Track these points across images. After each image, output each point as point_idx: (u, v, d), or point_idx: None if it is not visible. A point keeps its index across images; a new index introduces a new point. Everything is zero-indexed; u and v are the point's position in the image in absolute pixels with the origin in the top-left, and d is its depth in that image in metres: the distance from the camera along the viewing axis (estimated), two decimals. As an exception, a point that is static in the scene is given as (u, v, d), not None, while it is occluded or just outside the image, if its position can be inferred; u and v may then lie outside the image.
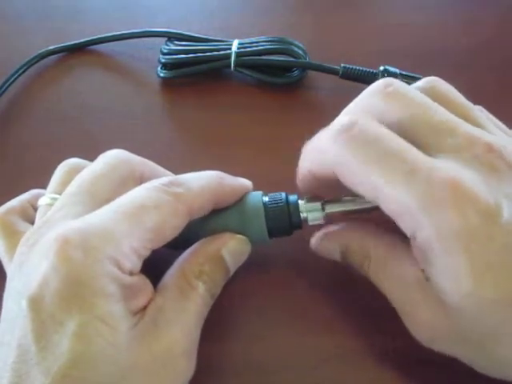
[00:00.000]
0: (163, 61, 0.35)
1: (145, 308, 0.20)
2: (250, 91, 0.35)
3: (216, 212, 0.23)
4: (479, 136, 0.20)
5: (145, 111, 0.35)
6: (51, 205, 0.22)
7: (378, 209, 0.21)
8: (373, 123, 0.20)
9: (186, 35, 0.36)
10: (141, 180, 0.23)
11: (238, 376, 0.24)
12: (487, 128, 0.21)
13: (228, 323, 0.25)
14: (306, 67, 0.35)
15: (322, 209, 0.23)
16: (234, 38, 0.35)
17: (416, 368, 0.23)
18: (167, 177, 0.22)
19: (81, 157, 0.26)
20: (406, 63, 0.34)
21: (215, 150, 0.32)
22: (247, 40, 0.35)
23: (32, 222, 0.24)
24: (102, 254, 0.19)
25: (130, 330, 0.19)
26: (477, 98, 0.34)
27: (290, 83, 0.35)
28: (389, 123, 0.20)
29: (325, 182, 0.22)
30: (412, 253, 0.20)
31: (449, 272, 0.18)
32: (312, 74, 0.36)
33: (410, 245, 0.20)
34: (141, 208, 0.20)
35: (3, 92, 0.35)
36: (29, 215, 0.25)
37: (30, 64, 0.36)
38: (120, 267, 0.19)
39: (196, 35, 0.36)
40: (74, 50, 0.38)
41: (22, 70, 0.36)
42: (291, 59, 0.35)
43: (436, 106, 0.21)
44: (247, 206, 0.24)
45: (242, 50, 0.35)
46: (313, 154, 0.22)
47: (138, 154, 0.25)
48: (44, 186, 0.25)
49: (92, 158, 0.25)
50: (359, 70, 0.34)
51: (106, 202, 0.21)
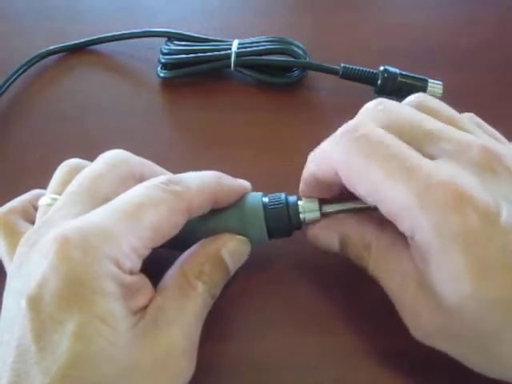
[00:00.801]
0: (163, 61, 0.35)
1: (145, 307, 0.20)
2: (250, 91, 0.35)
3: (215, 212, 0.23)
4: (473, 140, 0.20)
5: (145, 111, 0.35)
6: (51, 205, 0.22)
7: (375, 209, 0.22)
8: (374, 127, 0.21)
9: (186, 35, 0.36)
10: (141, 180, 0.23)
11: (238, 376, 0.24)
12: (477, 135, 0.21)
13: (228, 323, 0.25)
14: (306, 67, 0.35)
15: (320, 209, 0.24)
16: (234, 38, 0.35)
17: (416, 368, 0.23)
18: (166, 175, 0.22)
19: (81, 157, 0.26)
20: (405, 63, 0.34)
21: (215, 149, 0.32)
22: (247, 40, 0.35)
23: (33, 222, 0.24)
24: (101, 253, 0.19)
25: (130, 330, 0.19)
26: (476, 98, 0.34)
27: (290, 83, 0.35)
28: (388, 130, 0.21)
29: (327, 187, 0.23)
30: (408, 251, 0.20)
31: (448, 272, 0.18)
32: (312, 74, 0.36)
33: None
34: (140, 206, 0.20)
35: (3, 92, 0.35)
36: (30, 215, 0.25)
37: (30, 64, 0.36)
38: (120, 266, 0.19)
39: (196, 35, 0.36)
40: (74, 50, 0.38)
41: (22, 69, 0.36)
42: (291, 59, 0.35)
43: (427, 116, 0.21)
44: (247, 206, 0.24)
45: (242, 49, 0.35)
46: (317, 156, 0.23)
47: (138, 154, 0.25)
48: (44, 185, 0.25)
49: (92, 158, 0.25)
50: (359, 70, 0.34)
51: (106, 201, 0.21)
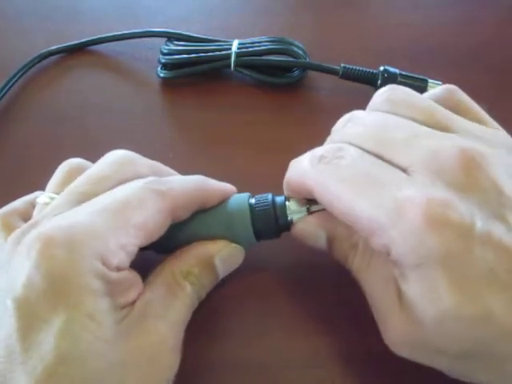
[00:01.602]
0: (163, 61, 0.35)
1: (134, 302, 0.20)
2: (250, 91, 0.35)
3: (202, 215, 0.23)
4: (449, 146, 0.19)
5: (145, 111, 0.35)
6: (48, 204, 0.22)
7: None
8: (350, 150, 0.20)
9: (186, 35, 0.36)
10: None
11: (237, 376, 0.24)
12: (457, 130, 0.21)
13: (228, 323, 0.25)
14: (306, 67, 0.35)
15: (308, 210, 0.23)
16: (234, 38, 0.35)
17: (416, 369, 0.23)
18: (153, 177, 0.22)
19: (81, 157, 0.26)
20: (405, 63, 0.34)
21: (215, 150, 0.32)
22: (247, 40, 0.35)
23: None
24: (86, 250, 0.19)
25: (117, 325, 0.19)
26: (476, 98, 0.34)
27: (290, 83, 0.35)
28: (363, 146, 0.21)
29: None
30: None
31: (426, 288, 0.18)
32: (312, 74, 0.36)
33: None
34: (125, 204, 0.20)
35: (5, 93, 0.35)
36: (30, 216, 0.25)
37: (31, 65, 0.36)
38: (105, 263, 0.19)
39: (196, 35, 0.36)
40: (74, 50, 0.38)
41: (23, 71, 0.36)
42: (291, 59, 0.35)
43: (398, 121, 0.21)
44: (233, 207, 0.23)
45: (242, 50, 0.35)
46: (295, 173, 0.23)
47: (138, 154, 0.25)
48: (44, 186, 0.25)
49: (92, 158, 0.24)
50: (359, 70, 0.34)
51: None
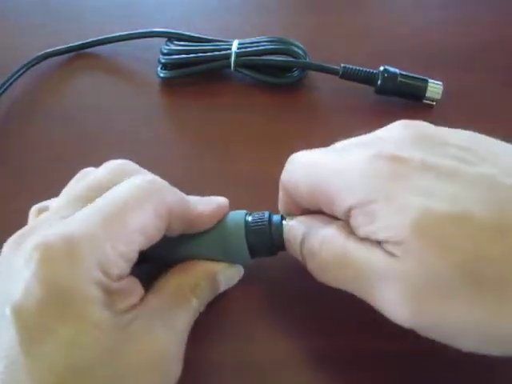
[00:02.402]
0: (163, 61, 0.35)
1: (135, 306, 0.20)
2: (250, 91, 0.35)
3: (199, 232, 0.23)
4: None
5: (145, 111, 0.35)
6: None
7: None
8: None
9: (186, 35, 0.36)
10: None
11: (237, 376, 0.24)
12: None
13: (228, 324, 0.25)
14: (306, 67, 0.35)
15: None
16: (234, 38, 0.35)
17: (416, 369, 0.24)
18: (150, 175, 0.22)
19: (81, 157, 0.26)
20: (405, 63, 0.34)
21: (215, 150, 0.32)
22: (247, 40, 0.35)
23: None
24: (87, 262, 0.18)
25: (121, 332, 0.19)
26: (476, 98, 0.34)
27: (290, 83, 0.35)
28: None
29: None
30: None
31: (386, 299, 0.19)
32: (312, 74, 0.36)
33: None
34: (124, 208, 0.20)
35: (2, 93, 0.35)
36: None
37: (29, 66, 0.36)
38: (106, 273, 0.19)
39: (196, 35, 0.36)
40: (74, 50, 0.38)
41: (21, 72, 0.36)
42: (291, 59, 0.35)
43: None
44: (229, 225, 0.23)
45: (242, 50, 0.35)
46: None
47: (138, 154, 0.25)
48: (44, 186, 0.25)
49: (92, 158, 0.24)
50: (359, 70, 0.34)
51: None
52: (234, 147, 0.32)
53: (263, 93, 0.35)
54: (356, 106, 0.34)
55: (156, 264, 0.23)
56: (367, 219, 0.19)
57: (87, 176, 0.23)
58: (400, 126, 0.22)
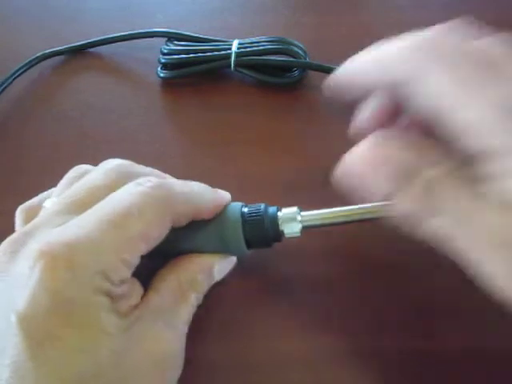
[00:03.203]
0: (163, 61, 0.35)
1: (136, 306, 0.20)
2: (250, 91, 0.35)
3: (196, 222, 0.23)
4: None
5: (145, 111, 0.35)
6: None
7: (356, 222, 0.22)
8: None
9: (186, 35, 0.36)
10: None
11: (237, 376, 0.24)
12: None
13: (228, 323, 0.25)
14: (306, 67, 0.35)
15: (300, 222, 0.23)
16: (234, 38, 0.35)
17: (416, 368, 0.24)
18: (154, 178, 0.22)
19: (81, 157, 0.26)
20: (406, 63, 0.34)
21: (215, 149, 0.32)
22: (247, 40, 0.35)
23: None
24: (91, 270, 0.19)
25: (126, 333, 0.19)
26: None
27: (290, 83, 0.35)
28: None
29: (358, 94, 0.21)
30: None
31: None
32: (312, 74, 0.36)
33: None
34: (127, 215, 0.20)
35: (2, 91, 0.35)
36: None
37: (29, 65, 0.36)
38: (109, 280, 0.19)
39: (196, 35, 0.36)
40: (74, 51, 0.38)
41: (21, 71, 0.36)
42: (291, 59, 0.35)
43: None
44: (226, 217, 0.24)
45: (242, 50, 0.35)
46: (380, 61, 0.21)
47: (138, 154, 0.25)
48: (44, 186, 0.25)
49: (92, 159, 0.24)
50: (359, 69, 0.34)
51: None
52: (234, 147, 0.32)
53: (263, 93, 0.35)
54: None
55: (150, 255, 0.23)
56: None
57: (83, 176, 0.23)
58: None
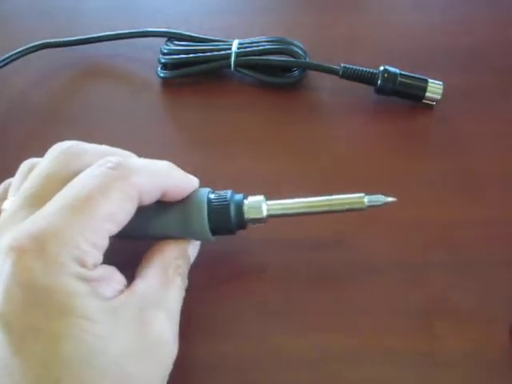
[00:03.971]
0: (163, 61, 0.35)
1: (121, 291, 0.20)
2: (250, 91, 0.35)
3: (162, 205, 0.23)
4: None
5: (145, 111, 0.35)
6: None
7: (322, 214, 0.23)
8: None
9: (186, 35, 0.36)
10: None
11: (237, 375, 0.24)
12: None
13: (228, 323, 0.25)
14: (306, 67, 0.35)
15: (265, 210, 0.24)
16: (234, 38, 0.35)
17: (416, 368, 0.24)
18: (115, 157, 0.21)
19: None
20: (405, 63, 0.34)
21: (215, 149, 0.32)
22: (247, 40, 0.35)
23: None
24: (62, 257, 0.18)
25: (112, 318, 0.19)
26: (477, 98, 0.34)
27: (290, 83, 0.35)
28: None
29: None
30: None
31: None
32: (312, 73, 0.36)
33: None
34: (89, 199, 0.20)
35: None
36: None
37: (27, 52, 0.36)
38: (83, 264, 0.19)
39: (196, 35, 0.36)
40: (73, 48, 0.38)
41: (18, 55, 0.36)
42: (291, 59, 0.35)
43: None
44: (192, 202, 0.24)
45: (242, 50, 0.35)
46: None
47: (138, 154, 0.25)
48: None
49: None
50: (359, 70, 0.34)
51: None
52: (234, 147, 0.32)
53: (263, 93, 0.35)
54: (356, 106, 0.34)
55: (118, 237, 0.22)
56: None
57: (34, 169, 0.22)
58: None
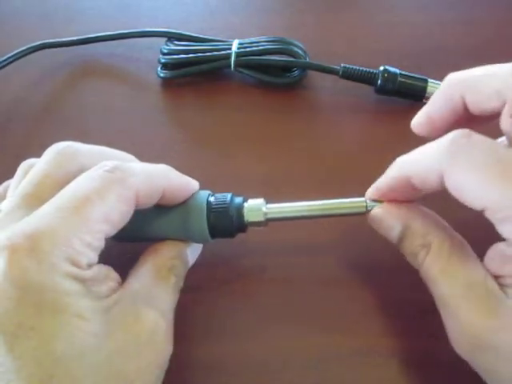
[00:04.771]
0: (163, 61, 0.35)
1: (115, 291, 0.20)
2: (250, 91, 0.35)
3: (162, 208, 0.23)
4: None
5: (145, 111, 0.35)
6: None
7: (318, 218, 0.23)
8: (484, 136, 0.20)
9: (186, 35, 0.36)
10: None
11: (237, 375, 0.24)
12: None
13: (228, 323, 0.25)
14: (306, 67, 0.35)
15: (264, 214, 0.24)
16: (234, 38, 0.35)
17: (416, 368, 0.24)
18: (111, 161, 0.21)
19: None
20: (405, 63, 0.34)
21: (215, 150, 0.32)
22: (247, 40, 0.35)
23: None
24: (55, 257, 0.18)
25: (105, 316, 0.19)
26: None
27: (290, 83, 0.35)
28: None
29: (413, 191, 0.22)
30: (477, 260, 0.20)
31: None
32: (312, 73, 0.36)
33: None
34: (85, 200, 0.20)
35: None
36: None
37: (25, 52, 0.36)
38: (76, 264, 0.19)
39: (196, 35, 0.36)
40: (73, 49, 0.38)
41: (16, 57, 0.36)
42: (291, 59, 0.35)
43: None
44: (191, 204, 0.24)
45: (242, 50, 0.35)
46: (417, 161, 0.21)
47: (138, 154, 0.25)
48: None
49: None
50: (359, 70, 0.34)
51: None
52: (234, 147, 0.32)
53: (263, 93, 0.35)
54: (356, 106, 0.34)
55: (117, 239, 0.23)
56: None
57: (31, 170, 0.23)
58: None
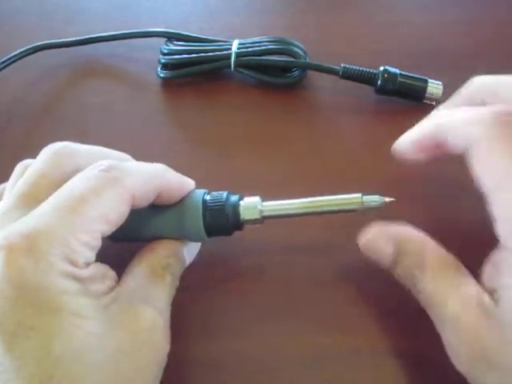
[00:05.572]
0: (163, 61, 0.35)
1: (112, 289, 0.20)
2: (250, 91, 0.35)
3: (158, 207, 0.23)
4: None
5: (145, 111, 0.35)
6: None
7: (319, 214, 0.22)
8: None
9: (186, 35, 0.36)
10: None
11: (235, 374, 0.24)
12: None
13: (225, 321, 0.25)
14: (306, 67, 0.35)
15: (260, 211, 0.24)
16: (234, 38, 0.35)
17: (416, 368, 0.24)
18: (107, 160, 0.21)
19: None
20: (405, 63, 0.34)
21: (215, 150, 0.32)
22: (247, 40, 0.35)
23: None
24: (52, 256, 0.18)
25: (103, 315, 0.19)
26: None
27: (290, 83, 0.35)
28: None
29: (436, 150, 0.22)
30: (471, 277, 0.20)
31: None
32: (312, 73, 0.36)
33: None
34: (82, 200, 0.20)
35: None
36: None
37: (25, 54, 0.36)
38: (74, 263, 0.19)
39: (196, 35, 0.36)
40: (73, 49, 0.38)
41: (16, 58, 0.36)
42: (291, 59, 0.35)
43: None
44: (187, 203, 0.24)
45: (242, 50, 0.35)
46: (453, 124, 0.21)
47: (138, 154, 0.25)
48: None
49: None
50: (359, 70, 0.34)
51: None
52: (234, 147, 0.32)
53: (263, 93, 0.35)
54: (356, 106, 0.34)
55: (113, 239, 0.23)
56: None
57: (27, 170, 0.23)
58: None
